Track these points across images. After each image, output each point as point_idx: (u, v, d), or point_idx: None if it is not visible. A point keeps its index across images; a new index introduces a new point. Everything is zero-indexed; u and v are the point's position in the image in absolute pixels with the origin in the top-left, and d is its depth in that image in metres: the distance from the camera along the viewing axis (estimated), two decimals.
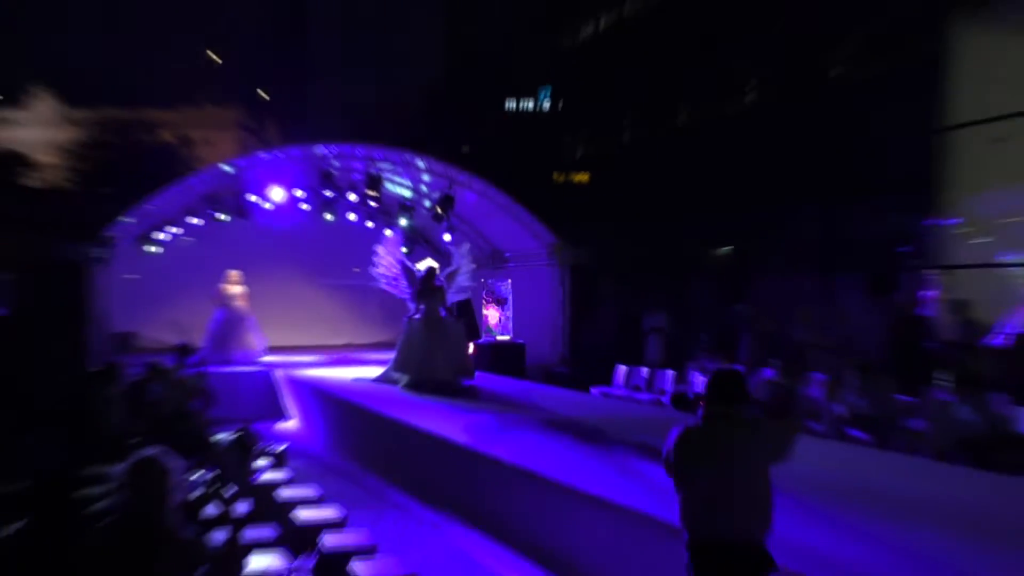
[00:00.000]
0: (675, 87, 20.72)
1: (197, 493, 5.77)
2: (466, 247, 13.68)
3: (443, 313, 12.57)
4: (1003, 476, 7.19)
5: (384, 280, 13.14)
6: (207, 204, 15.98)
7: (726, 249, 20.29)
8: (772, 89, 18.39)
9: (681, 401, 10.68)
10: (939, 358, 12.28)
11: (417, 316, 12.42)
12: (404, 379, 12.00)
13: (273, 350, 15.60)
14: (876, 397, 9.31)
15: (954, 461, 7.83)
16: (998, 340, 12.45)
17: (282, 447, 8.85)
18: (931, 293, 13.43)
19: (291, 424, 13.09)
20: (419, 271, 12.87)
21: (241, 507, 5.95)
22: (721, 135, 19.51)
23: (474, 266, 13.66)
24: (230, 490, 6.12)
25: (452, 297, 13.08)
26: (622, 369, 13.76)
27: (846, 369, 10.24)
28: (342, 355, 16.37)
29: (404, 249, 13.97)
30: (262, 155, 16.34)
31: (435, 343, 12.07)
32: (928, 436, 8.36)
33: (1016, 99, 13.53)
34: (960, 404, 8.20)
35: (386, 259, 13.15)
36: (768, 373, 11.22)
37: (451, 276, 13.10)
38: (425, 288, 12.48)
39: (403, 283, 12.87)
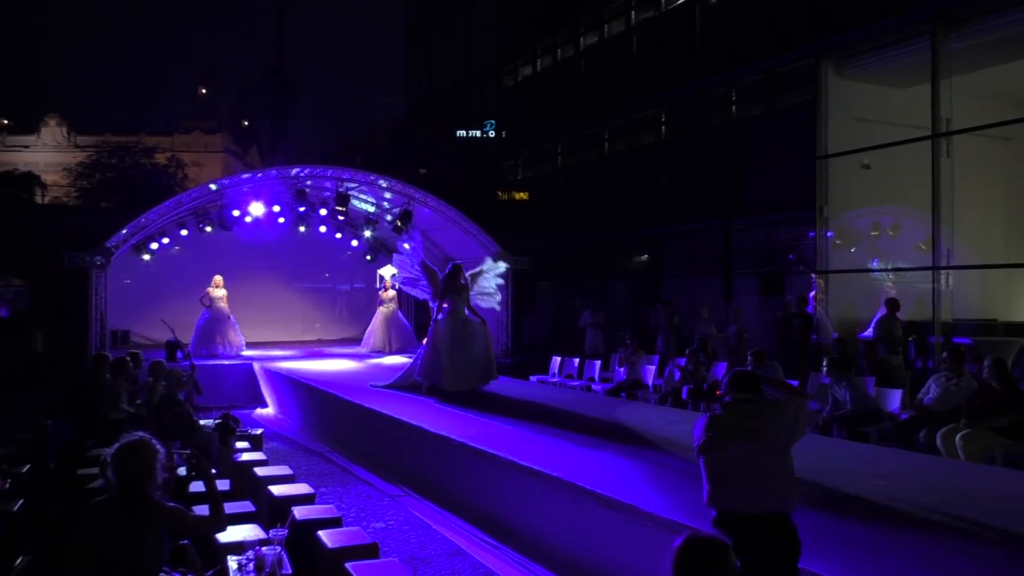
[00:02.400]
0: (599, 121, 20.82)
1: (184, 472, 5.56)
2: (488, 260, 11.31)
3: (468, 314, 10.37)
4: (869, 446, 7.32)
5: (405, 281, 11.34)
6: (195, 217, 15.81)
7: (642, 257, 20.43)
8: (679, 125, 18.58)
9: (699, 394, 10.34)
10: (818, 348, 12.51)
11: (440, 317, 10.24)
12: (426, 385, 10.03)
13: (252, 345, 15.36)
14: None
15: (832, 434, 7.94)
16: (866, 333, 12.72)
17: (259, 431, 8.61)
18: (812, 294, 13.69)
19: (268, 410, 12.79)
20: (442, 270, 11.05)
21: (222, 484, 5.75)
22: (638, 162, 19.67)
23: (503, 267, 11.29)
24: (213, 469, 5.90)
25: (474, 300, 10.97)
26: (556, 360, 13.71)
27: (743, 356, 10.36)
28: (313, 349, 16.22)
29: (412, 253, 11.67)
30: (244, 176, 16.08)
31: (460, 347, 9.99)
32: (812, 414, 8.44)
33: (877, 133, 13.90)
34: (836, 386, 8.31)
35: (406, 261, 11.26)
36: (680, 361, 11.30)
37: (475, 276, 10.95)
38: (449, 286, 10.28)
39: (423, 283, 10.86)
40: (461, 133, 29.64)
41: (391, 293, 16.34)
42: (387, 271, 16.55)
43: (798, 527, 3.54)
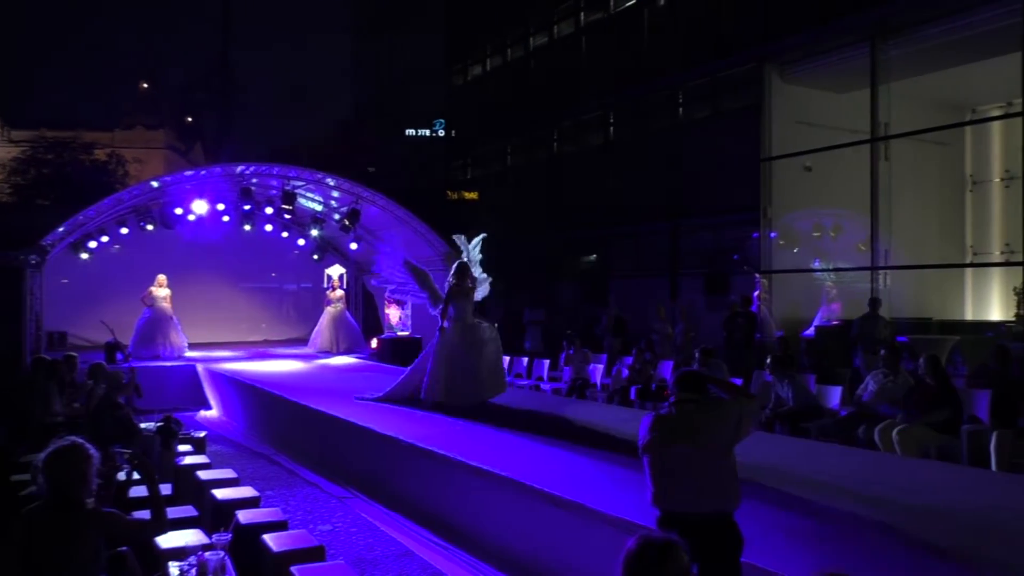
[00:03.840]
0: (548, 121, 20.93)
1: (123, 476, 5.40)
2: (463, 239, 9.70)
3: (476, 319, 9.18)
4: (810, 441, 7.49)
5: (392, 287, 10.13)
6: (136, 215, 15.44)
7: (590, 257, 20.59)
8: (627, 127, 18.77)
9: (647, 394, 10.35)
10: (762, 346, 12.76)
11: (447, 325, 8.94)
12: (428, 403, 8.74)
13: (196, 346, 15.02)
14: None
15: (775, 431, 8.10)
16: (808, 332, 13.03)
17: (202, 434, 8.43)
18: (756, 293, 13.95)
19: (212, 413, 12.52)
20: (428, 268, 9.99)
21: (164, 489, 5.61)
22: (587, 163, 19.83)
23: (481, 256, 9.70)
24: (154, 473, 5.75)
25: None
26: (505, 359, 13.70)
27: (690, 355, 10.49)
28: (259, 350, 15.94)
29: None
30: (188, 173, 15.73)
31: (471, 357, 8.75)
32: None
33: (819, 137, 14.26)
34: (778, 384, 8.48)
35: (388, 264, 10.13)
36: (628, 360, 11.40)
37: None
38: (456, 289, 8.98)
39: (411, 286, 9.76)
40: (410, 132, 29.47)
41: (339, 293, 16.16)
42: (335, 271, 16.37)
43: (741, 522, 3.60)
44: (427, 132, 28.37)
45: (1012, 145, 13.36)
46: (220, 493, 5.45)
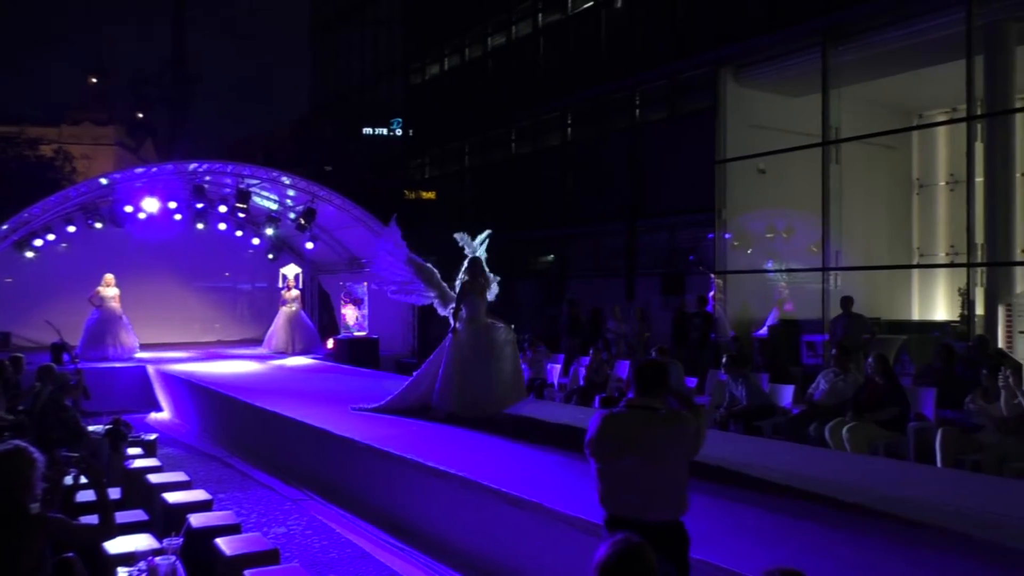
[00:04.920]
0: (506, 121, 20.96)
1: (70, 481, 5.27)
2: (466, 236, 8.57)
3: (491, 320, 8.25)
4: (763, 439, 7.63)
5: (395, 289, 8.93)
6: (84, 213, 15.09)
7: (548, 257, 20.67)
8: (585, 127, 18.90)
9: (611, 403, 10.28)
10: (716, 346, 12.96)
11: (459, 326, 8.12)
12: (444, 412, 7.94)
13: (147, 347, 14.72)
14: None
15: (729, 429, 8.23)
16: (761, 332, 13.26)
17: (153, 436, 8.28)
18: (711, 293, 14.16)
19: (163, 415, 12.29)
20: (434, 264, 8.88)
21: (113, 493, 5.49)
22: (545, 163, 19.91)
23: (482, 239, 8.58)
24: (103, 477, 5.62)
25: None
26: None
27: (647, 355, 10.60)
28: (212, 351, 15.69)
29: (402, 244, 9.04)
30: (138, 170, 15.41)
31: (487, 362, 7.92)
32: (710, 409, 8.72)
33: (773, 139, 14.53)
34: (733, 383, 8.61)
35: (389, 262, 8.93)
36: (585, 360, 11.47)
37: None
38: (469, 287, 8.15)
39: (417, 285, 8.72)
40: (368, 131, 29.27)
41: (294, 293, 15.97)
42: (290, 270, 16.18)
43: (693, 520, 3.62)
44: (384, 131, 28.19)
45: (957, 150, 13.76)
46: (171, 497, 5.36)
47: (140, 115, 56.90)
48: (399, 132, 27.37)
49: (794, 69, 14.11)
